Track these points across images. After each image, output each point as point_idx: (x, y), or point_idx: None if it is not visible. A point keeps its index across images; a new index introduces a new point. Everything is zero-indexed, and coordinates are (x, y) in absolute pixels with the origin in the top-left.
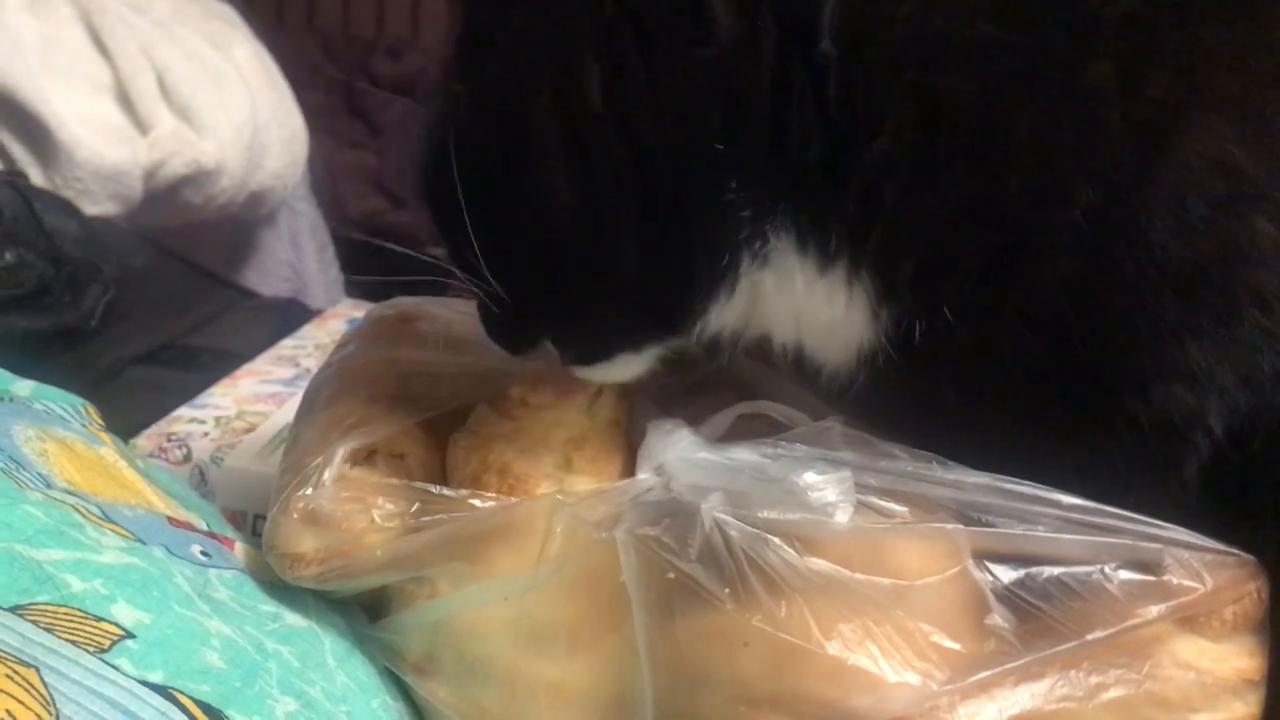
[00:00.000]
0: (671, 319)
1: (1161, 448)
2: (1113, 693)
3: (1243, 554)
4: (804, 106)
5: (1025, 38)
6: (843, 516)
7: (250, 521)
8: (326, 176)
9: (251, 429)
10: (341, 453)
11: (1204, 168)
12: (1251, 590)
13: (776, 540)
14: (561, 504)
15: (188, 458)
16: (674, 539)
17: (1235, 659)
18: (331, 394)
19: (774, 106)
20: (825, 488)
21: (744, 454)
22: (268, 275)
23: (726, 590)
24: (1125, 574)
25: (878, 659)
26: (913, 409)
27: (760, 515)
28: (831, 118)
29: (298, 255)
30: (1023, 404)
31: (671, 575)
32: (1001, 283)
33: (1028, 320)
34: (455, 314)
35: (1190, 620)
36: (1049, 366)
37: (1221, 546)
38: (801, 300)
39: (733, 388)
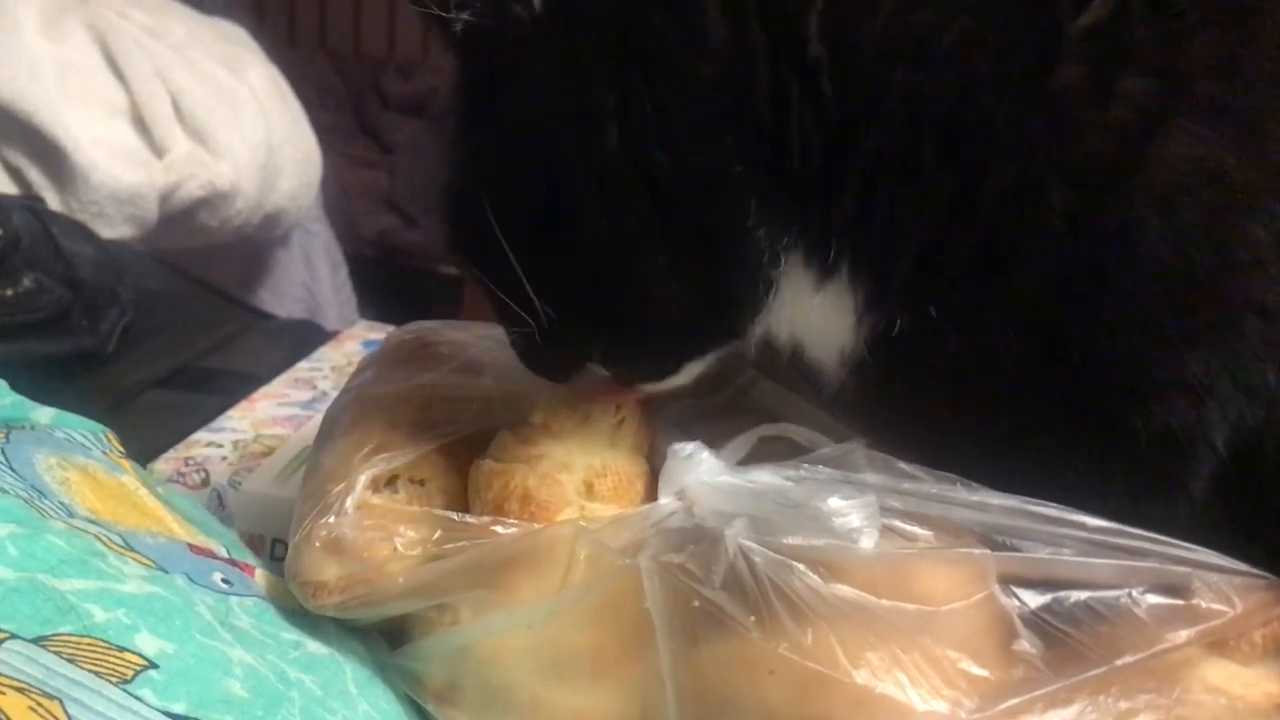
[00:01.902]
0: (726, 329)
1: (1162, 461)
2: (1142, 718)
3: (1272, 576)
4: (802, 113)
5: (999, 38)
6: (868, 542)
7: (269, 546)
8: (340, 196)
9: (269, 452)
10: (363, 480)
11: (1190, 172)
12: None
13: (801, 567)
14: (584, 530)
15: (206, 482)
16: (698, 566)
17: (1266, 683)
18: (351, 420)
19: (774, 116)
20: (850, 513)
21: (766, 477)
22: (282, 296)
23: (752, 618)
24: (1153, 598)
25: (906, 687)
26: (904, 417)
27: (785, 541)
28: (827, 121)
29: (312, 276)
30: (1016, 414)
31: (697, 603)
32: (985, 283)
33: (1013, 323)
34: (474, 337)
35: (1219, 644)
36: (1041, 375)
37: (1250, 569)
38: (805, 307)
39: (752, 411)
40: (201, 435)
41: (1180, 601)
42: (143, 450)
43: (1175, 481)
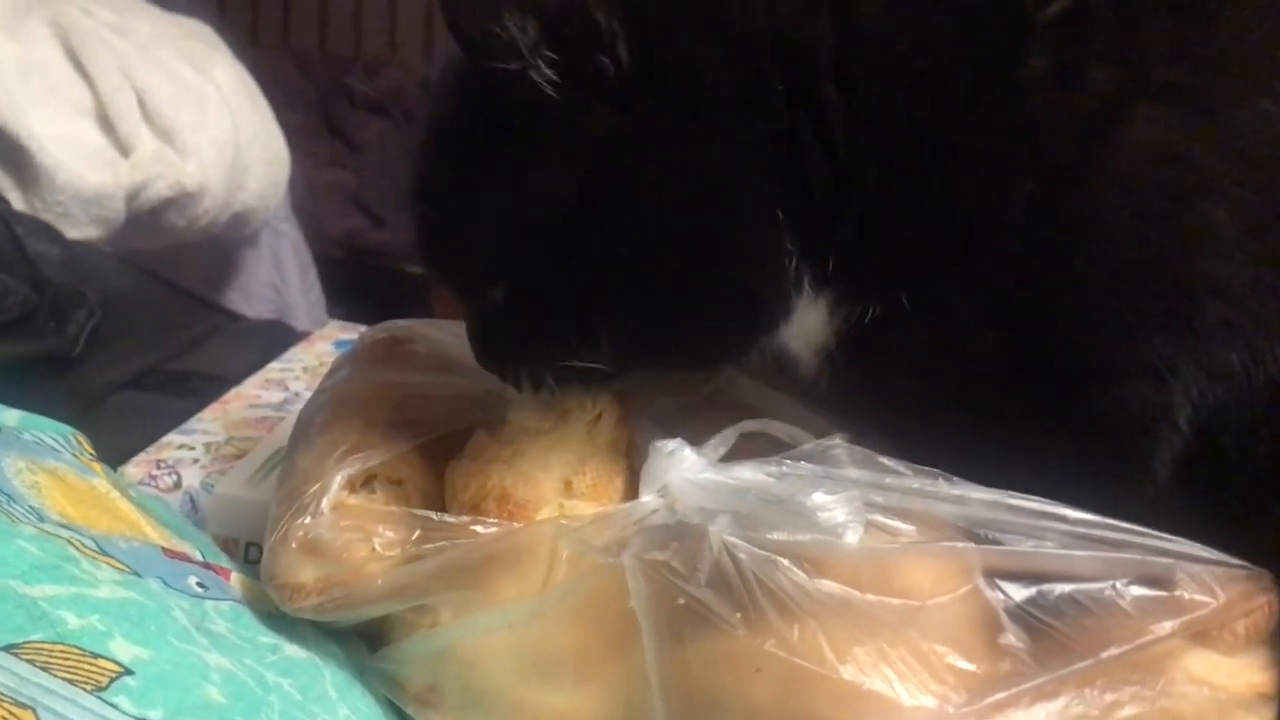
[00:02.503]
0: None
1: (1128, 443)
2: (1128, 710)
3: (1253, 567)
4: (812, 152)
5: (975, 39)
6: (853, 537)
7: (243, 549)
8: (307, 196)
9: (242, 454)
10: (339, 480)
11: (1151, 157)
12: (1263, 603)
13: (786, 562)
14: (566, 529)
15: (178, 484)
16: (683, 563)
17: (1248, 673)
18: (326, 420)
19: (789, 156)
20: (835, 508)
21: (748, 473)
22: (250, 297)
23: (738, 615)
24: (1137, 589)
25: (893, 682)
26: (876, 404)
27: (769, 537)
28: (835, 154)
29: (280, 276)
30: (983, 399)
31: (682, 601)
32: (953, 272)
33: (979, 309)
34: (449, 336)
35: (1202, 635)
36: (1006, 359)
37: (1231, 560)
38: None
39: (731, 407)
40: (173, 437)
41: (1164, 593)
42: (113, 453)
43: (1140, 462)
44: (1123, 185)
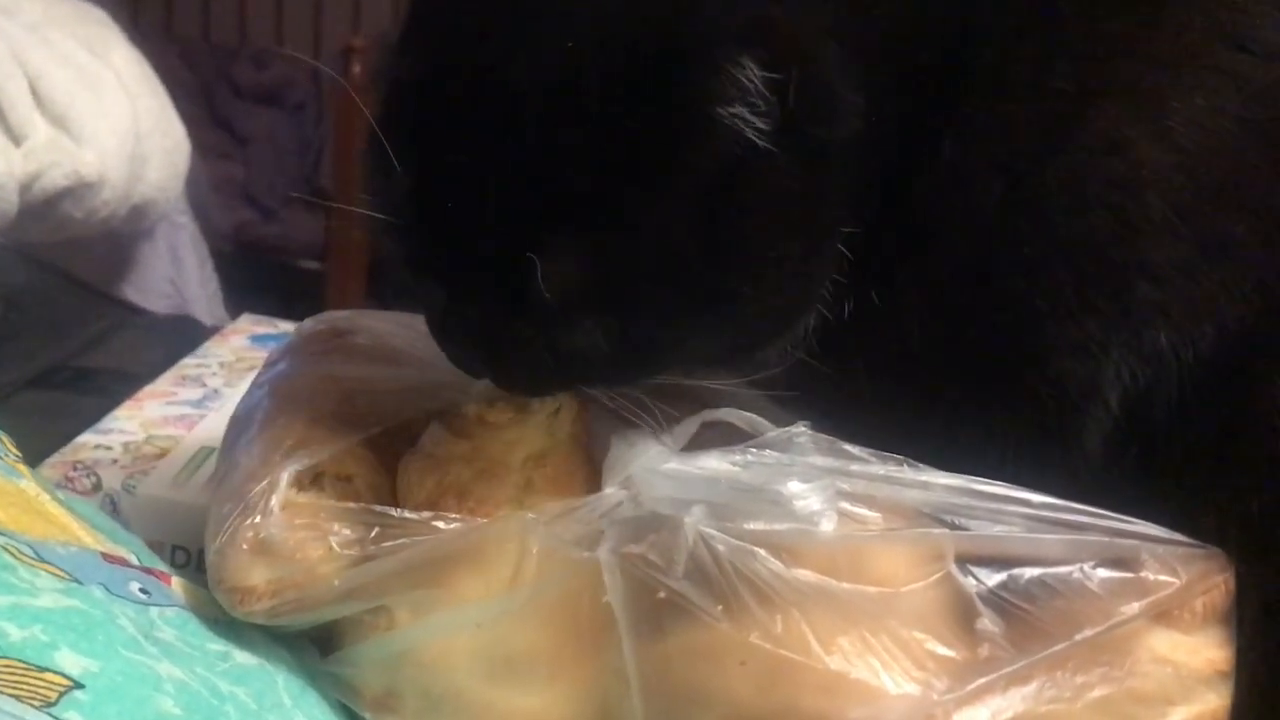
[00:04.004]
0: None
1: (1059, 419)
2: (1098, 691)
3: (1210, 546)
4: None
5: (967, 43)
6: (828, 525)
7: (169, 552)
8: (208, 190)
9: (163, 454)
10: (285, 477)
11: (1101, 149)
12: (1219, 582)
13: (763, 553)
14: (535, 524)
15: (97, 486)
16: (659, 556)
17: (1207, 650)
18: (267, 415)
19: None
20: (809, 496)
21: (714, 463)
22: (147, 292)
23: (719, 607)
24: (1104, 572)
25: (878, 671)
26: (830, 388)
27: (746, 527)
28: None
29: (178, 270)
30: (926, 378)
31: (662, 595)
32: (920, 267)
33: (933, 297)
34: (393, 326)
35: (1164, 615)
36: (951, 343)
37: (1189, 540)
38: None
39: (687, 397)
40: (88, 437)
41: (1130, 574)
42: (24, 454)
43: (1073, 438)
44: (1071, 175)
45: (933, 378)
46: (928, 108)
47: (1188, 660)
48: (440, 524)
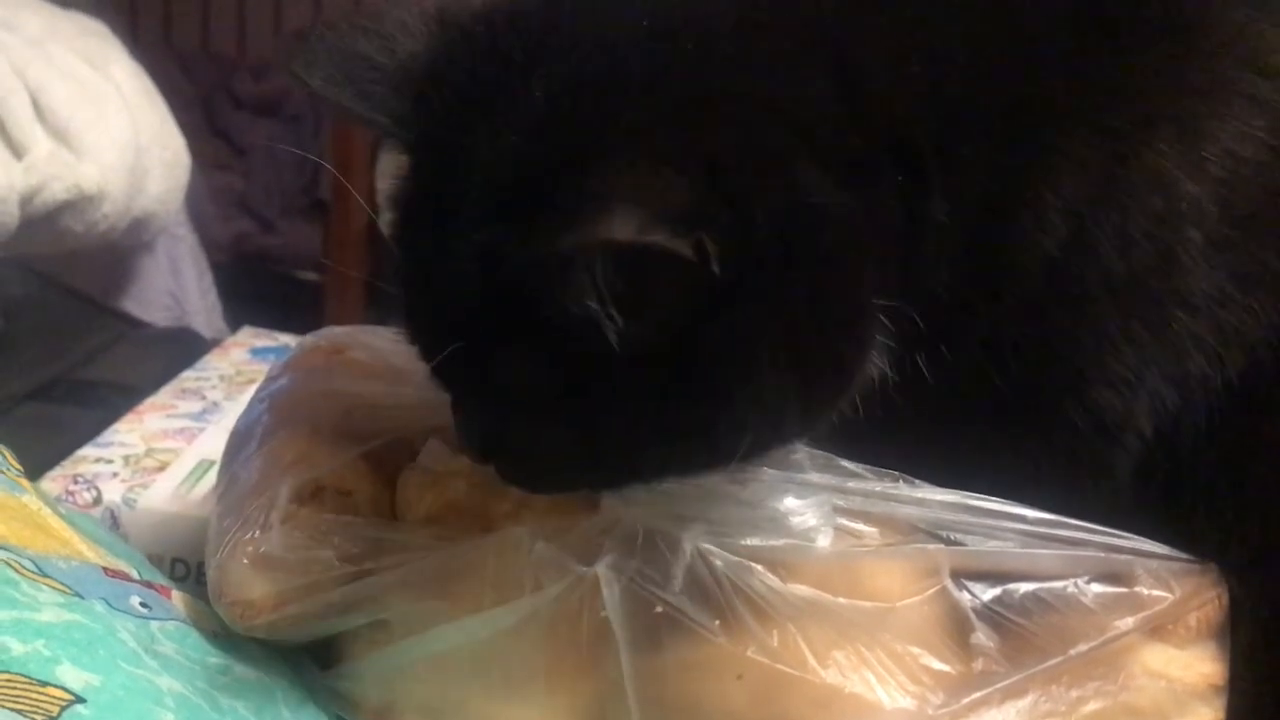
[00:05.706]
0: None
1: (1096, 450)
2: (1092, 705)
3: (1204, 561)
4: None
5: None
6: (824, 541)
7: (169, 565)
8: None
9: (163, 467)
10: (285, 491)
11: (1146, 186)
12: (1213, 596)
13: (760, 568)
14: (535, 539)
15: (98, 500)
16: (657, 571)
17: (1201, 665)
18: (267, 430)
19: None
20: (806, 512)
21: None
22: (147, 305)
23: (716, 622)
24: (1098, 587)
25: (874, 685)
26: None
27: (743, 543)
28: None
29: (178, 283)
30: (958, 405)
31: (660, 609)
32: (985, 314)
33: (989, 341)
34: (391, 343)
35: (1158, 629)
36: (988, 374)
37: (1183, 555)
38: None
39: None
40: (89, 451)
41: (1124, 589)
42: (24, 468)
43: (1105, 468)
44: (1121, 215)
45: (965, 405)
46: (1007, 151)
47: (1181, 675)
48: (439, 539)
